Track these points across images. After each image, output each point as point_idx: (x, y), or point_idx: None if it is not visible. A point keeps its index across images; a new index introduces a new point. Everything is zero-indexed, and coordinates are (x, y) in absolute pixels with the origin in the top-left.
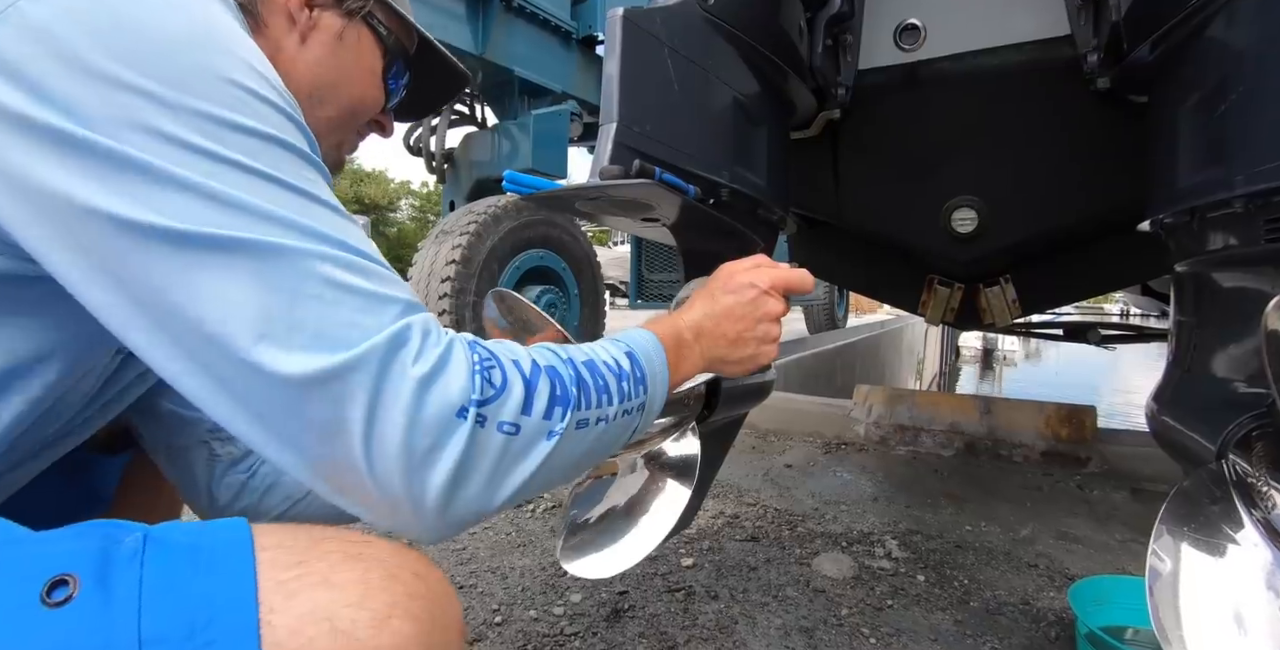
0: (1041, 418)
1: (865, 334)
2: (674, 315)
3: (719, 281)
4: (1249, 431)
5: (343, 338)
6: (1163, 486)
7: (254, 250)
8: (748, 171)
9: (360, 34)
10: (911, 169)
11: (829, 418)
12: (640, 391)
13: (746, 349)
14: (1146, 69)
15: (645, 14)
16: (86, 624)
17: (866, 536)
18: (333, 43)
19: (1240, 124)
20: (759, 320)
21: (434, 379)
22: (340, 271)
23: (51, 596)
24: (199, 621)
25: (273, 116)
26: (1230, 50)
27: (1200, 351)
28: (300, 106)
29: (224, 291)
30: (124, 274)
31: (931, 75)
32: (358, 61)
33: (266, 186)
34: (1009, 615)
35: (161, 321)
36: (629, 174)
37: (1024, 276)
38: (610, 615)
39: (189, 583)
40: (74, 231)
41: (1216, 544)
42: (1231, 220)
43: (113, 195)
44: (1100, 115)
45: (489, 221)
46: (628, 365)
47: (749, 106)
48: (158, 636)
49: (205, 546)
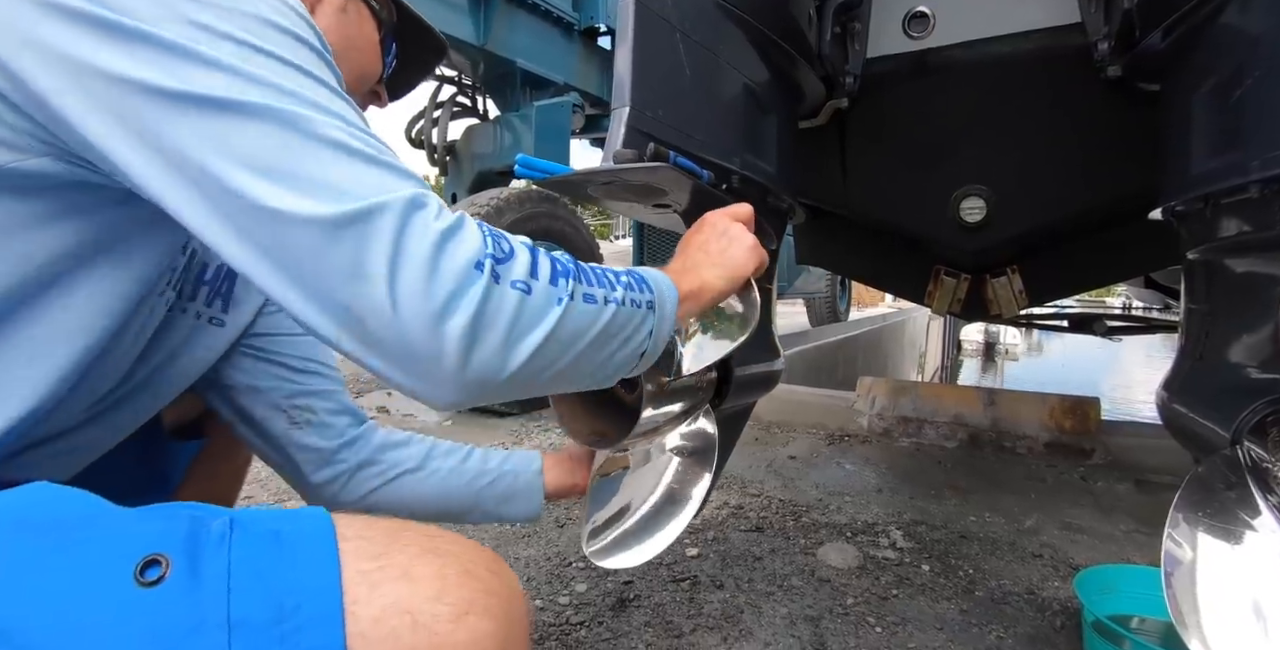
0: (1045, 409)
1: (867, 327)
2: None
3: (683, 240)
4: (1264, 417)
5: (371, 187)
6: (1167, 478)
7: (279, 115)
8: (758, 159)
9: (358, 7)
10: (920, 158)
11: (832, 410)
12: (646, 289)
13: (732, 253)
14: (1158, 56)
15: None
16: (178, 605)
17: (871, 527)
18: (337, 14)
19: (1257, 109)
20: (730, 236)
21: (453, 234)
22: (364, 147)
23: (144, 576)
24: (286, 607)
25: (308, 33)
26: (1246, 36)
27: (1213, 339)
28: None
29: (249, 148)
30: (158, 139)
31: (940, 63)
32: (359, 32)
33: (298, 75)
34: (1014, 604)
35: (193, 180)
36: (643, 158)
37: (1031, 267)
38: (616, 605)
39: (275, 569)
40: (109, 99)
41: (1233, 530)
42: (1246, 206)
43: (144, 66)
44: (1110, 103)
45: (492, 213)
46: (625, 277)
47: (759, 93)
48: (246, 620)
49: (289, 534)
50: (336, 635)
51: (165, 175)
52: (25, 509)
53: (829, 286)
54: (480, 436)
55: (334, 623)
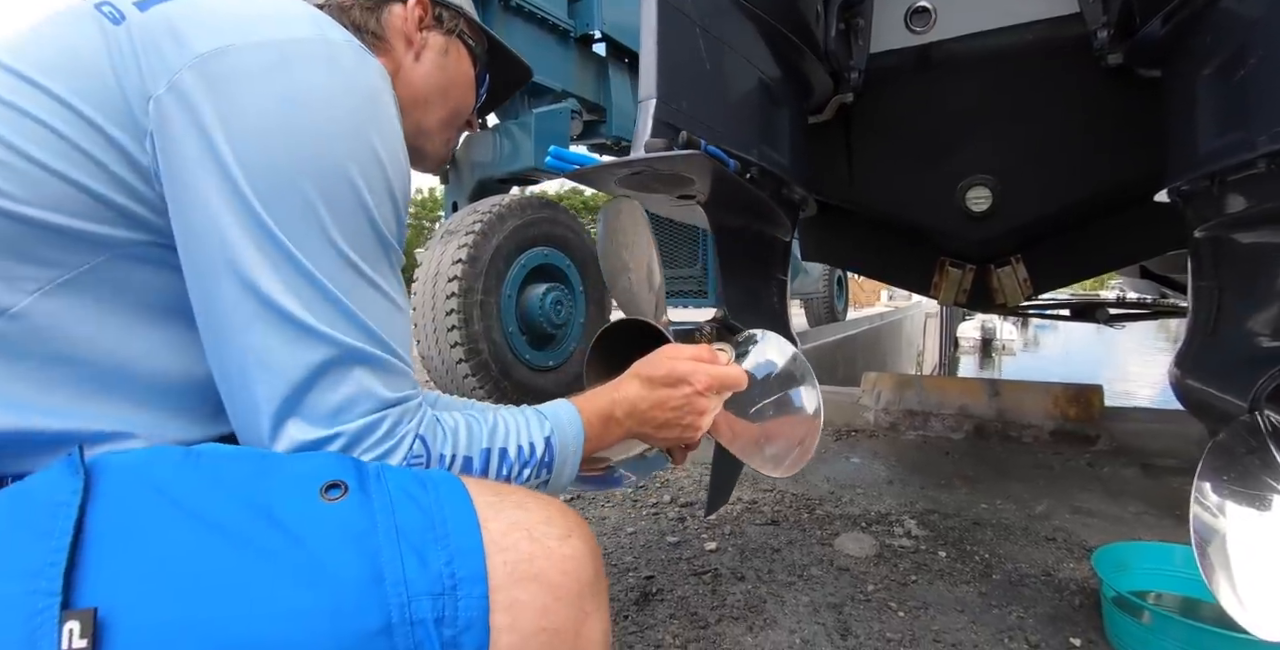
0: (1049, 398)
1: (865, 326)
2: (612, 388)
3: (660, 369)
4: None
5: (329, 416)
6: (1171, 461)
7: (321, 340)
8: (774, 151)
9: (458, 48)
10: (925, 150)
11: (838, 405)
12: (542, 473)
13: (671, 432)
14: (1159, 43)
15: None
16: (360, 514)
17: (885, 517)
18: (439, 58)
19: (1261, 88)
20: (686, 414)
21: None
22: (357, 367)
23: (329, 495)
24: (436, 519)
25: (390, 213)
26: (1246, 19)
27: (1224, 313)
28: (416, 110)
29: (269, 349)
30: (227, 315)
31: (943, 56)
32: (458, 70)
33: (366, 290)
34: (1032, 586)
35: (221, 338)
36: (673, 147)
37: (1034, 256)
38: (640, 599)
39: (422, 494)
40: (213, 262)
41: (1258, 493)
42: (1253, 181)
43: (256, 259)
44: (1111, 90)
45: (494, 220)
46: (541, 450)
47: (773, 87)
48: (409, 527)
49: (424, 476)
50: (476, 539)
51: (212, 334)
52: (217, 448)
53: (826, 287)
54: None
55: (473, 530)
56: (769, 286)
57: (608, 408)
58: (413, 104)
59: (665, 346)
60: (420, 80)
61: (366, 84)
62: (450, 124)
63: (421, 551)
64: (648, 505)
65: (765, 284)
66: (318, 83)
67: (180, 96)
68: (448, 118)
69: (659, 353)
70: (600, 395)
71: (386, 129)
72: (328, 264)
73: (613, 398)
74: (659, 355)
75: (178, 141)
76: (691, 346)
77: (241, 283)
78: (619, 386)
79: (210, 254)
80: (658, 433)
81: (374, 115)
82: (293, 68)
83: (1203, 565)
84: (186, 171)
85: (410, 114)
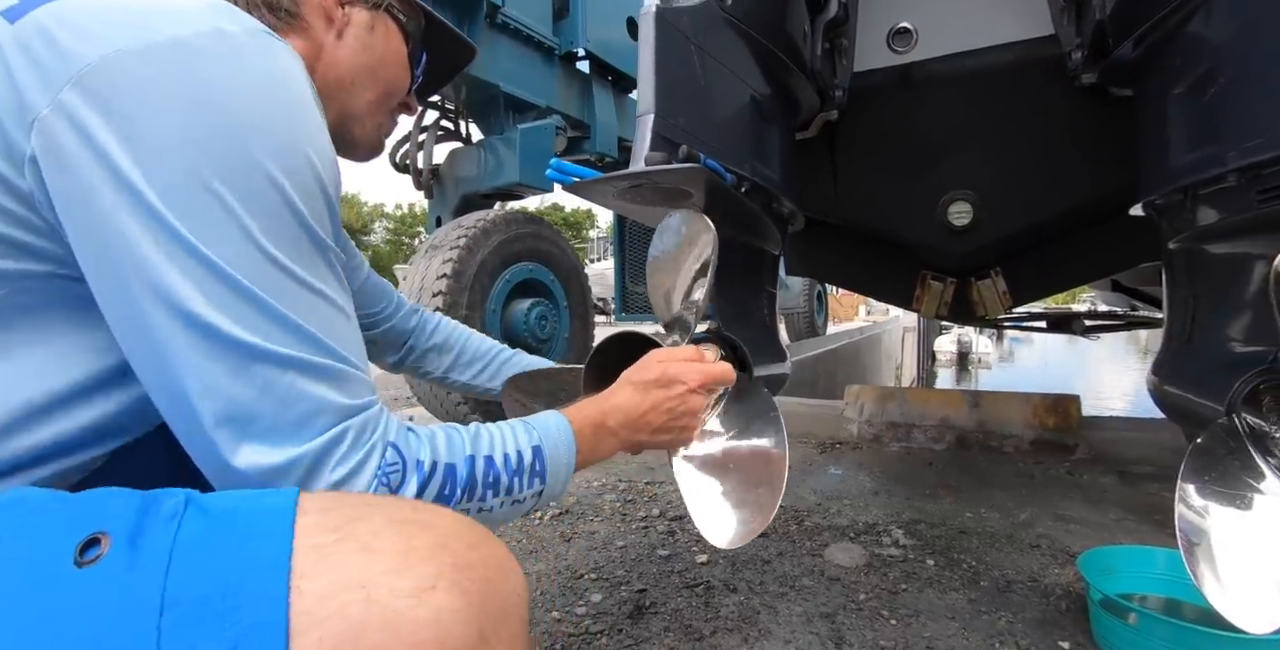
0: (1029, 408)
1: (844, 341)
2: (603, 398)
3: (652, 373)
4: (1255, 386)
5: (288, 436)
6: (1148, 468)
7: (262, 357)
8: (765, 166)
9: (386, 24)
10: (907, 166)
11: (821, 418)
12: (535, 483)
13: (666, 436)
14: (1131, 64)
15: (674, 11)
16: (110, 584)
17: (872, 527)
18: (365, 34)
19: (1230, 106)
20: (681, 415)
21: (342, 485)
22: (306, 379)
23: (84, 556)
24: (229, 584)
25: (321, 208)
26: (1214, 41)
27: (1199, 321)
28: (342, 93)
29: (210, 375)
30: (158, 344)
31: (924, 76)
32: (387, 48)
33: (304, 295)
34: (1019, 592)
35: (157, 370)
36: (672, 161)
37: (1013, 269)
38: (634, 612)
39: (222, 546)
40: (132, 289)
41: (1238, 491)
42: (1224, 193)
43: (165, 264)
44: (1085, 109)
45: (479, 235)
46: (529, 458)
47: (764, 103)
48: (181, 599)
49: (245, 511)
50: (278, 612)
51: (134, 343)
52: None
53: (806, 302)
54: None
55: (276, 600)
56: (759, 298)
57: (598, 417)
58: (337, 87)
59: (653, 351)
60: (344, 60)
61: (274, 72)
62: (380, 106)
63: (193, 636)
64: (637, 519)
65: (756, 296)
66: (219, 80)
67: (67, 117)
68: (377, 100)
69: (649, 357)
70: (591, 405)
71: (302, 118)
72: (258, 272)
73: (602, 408)
74: (649, 359)
75: (73, 168)
76: (679, 348)
77: (167, 307)
78: (611, 396)
79: (128, 280)
80: (654, 438)
81: (286, 105)
82: (189, 68)
83: (1189, 564)
84: (91, 198)
85: (335, 98)
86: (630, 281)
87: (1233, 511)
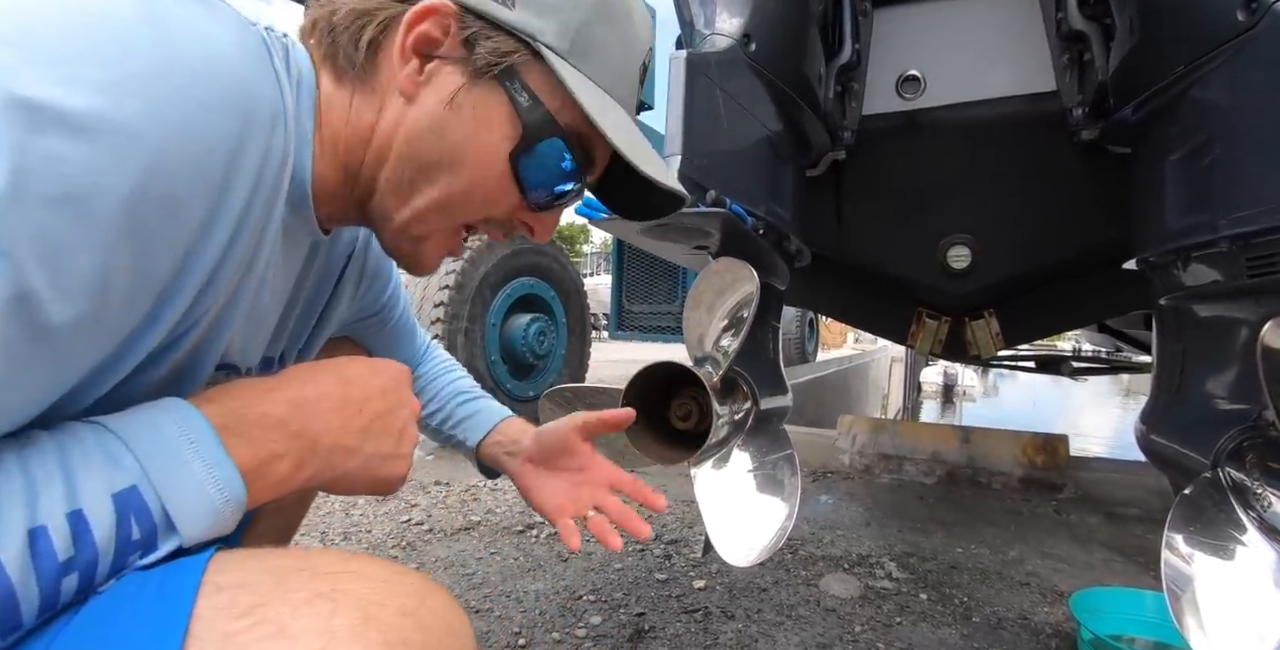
0: (1018, 446)
1: (834, 368)
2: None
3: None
4: (1239, 443)
5: None
6: (1134, 510)
7: None
8: (778, 206)
9: (488, 100)
10: (909, 207)
11: (814, 447)
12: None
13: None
14: (1131, 127)
15: (702, 58)
16: None
17: (865, 559)
18: (440, 106)
19: (1224, 175)
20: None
21: None
22: None
23: None
24: None
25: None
26: (1212, 112)
27: (1187, 375)
28: (386, 180)
29: None
30: None
31: (929, 122)
32: (475, 135)
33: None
34: (1010, 629)
35: None
36: (698, 204)
37: (1007, 311)
38: (633, 636)
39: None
40: None
41: (1221, 542)
42: (1215, 259)
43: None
44: (1083, 163)
45: (482, 249)
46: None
47: (780, 145)
48: None
49: (144, 597)
50: None
51: None
52: None
53: (798, 329)
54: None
55: None
56: (765, 333)
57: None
58: (375, 166)
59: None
60: (405, 131)
61: None
62: (434, 218)
63: None
64: (633, 541)
65: (762, 330)
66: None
67: None
68: (429, 208)
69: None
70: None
71: None
72: None
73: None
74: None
75: None
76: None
77: None
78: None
79: None
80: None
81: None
82: None
83: (1173, 609)
84: None
85: (367, 174)
86: (626, 300)
87: (1215, 561)
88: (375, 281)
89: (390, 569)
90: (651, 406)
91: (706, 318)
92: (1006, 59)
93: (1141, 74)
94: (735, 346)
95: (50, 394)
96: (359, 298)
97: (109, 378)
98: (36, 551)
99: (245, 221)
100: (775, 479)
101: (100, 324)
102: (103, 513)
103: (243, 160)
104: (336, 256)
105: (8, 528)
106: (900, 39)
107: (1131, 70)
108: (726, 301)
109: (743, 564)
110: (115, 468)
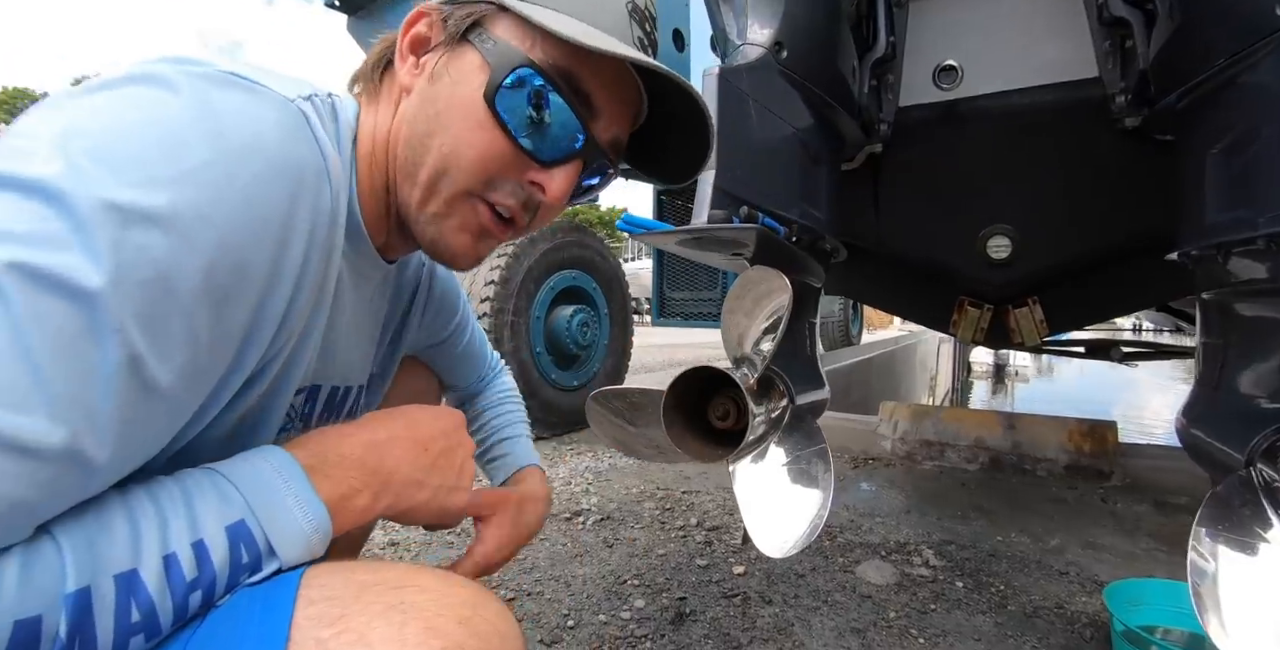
0: (1064, 433)
1: (879, 350)
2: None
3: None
4: (1273, 442)
5: None
6: (1184, 499)
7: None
8: (812, 208)
9: (461, 60)
10: (948, 199)
11: (856, 433)
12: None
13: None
14: (1175, 114)
15: (734, 71)
16: None
17: (903, 546)
18: (425, 85)
19: (1265, 171)
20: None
21: None
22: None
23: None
24: None
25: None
26: (1256, 103)
27: (1227, 370)
28: (399, 171)
29: None
30: None
31: (968, 112)
32: (453, 95)
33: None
34: (1045, 618)
35: None
36: (732, 218)
37: (1051, 298)
38: (675, 619)
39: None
40: None
41: (1249, 542)
42: (1256, 255)
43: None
44: (1125, 150)
45: (525, 243)
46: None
47: (812, 147)
48: None
49: (245, 610)
50: None
51: None
52: None
53: (842, 310)
54: None
55: None
56: (802, 330)
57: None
58: (398, 168)
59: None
60: (404, 119)
61: None
62: (449, 181)
63: None
64: (675, 527)
65: (799, 328)
66: None
67: None
68: (438, 168)
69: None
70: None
71: None
72: None
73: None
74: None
75: None
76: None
77: None
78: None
79: None
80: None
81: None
82: None
83: (1196, 603)
84: None
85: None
86: (668, 287)
87: (1241, 558)
88: (441, 311)
89: (447, 581)
90: (691, 407)
91: (745, 321)
92: (1045, 46)
93: (1185, 62)
94: (771, 349)
95: (166, 434)
96: (426, 325)
97: (211, 410)
98: (170, 573)
99: (306, 269)
100: (809, 473)
101: (197, 372)
102: (219, 542)
103: (295, 220)
104: (405, 285)
105: (148, 555)
106: (936, 29)
107: (1175, 58)
108: (762, 307)
109: (778, 555)
110: (227, 504)
